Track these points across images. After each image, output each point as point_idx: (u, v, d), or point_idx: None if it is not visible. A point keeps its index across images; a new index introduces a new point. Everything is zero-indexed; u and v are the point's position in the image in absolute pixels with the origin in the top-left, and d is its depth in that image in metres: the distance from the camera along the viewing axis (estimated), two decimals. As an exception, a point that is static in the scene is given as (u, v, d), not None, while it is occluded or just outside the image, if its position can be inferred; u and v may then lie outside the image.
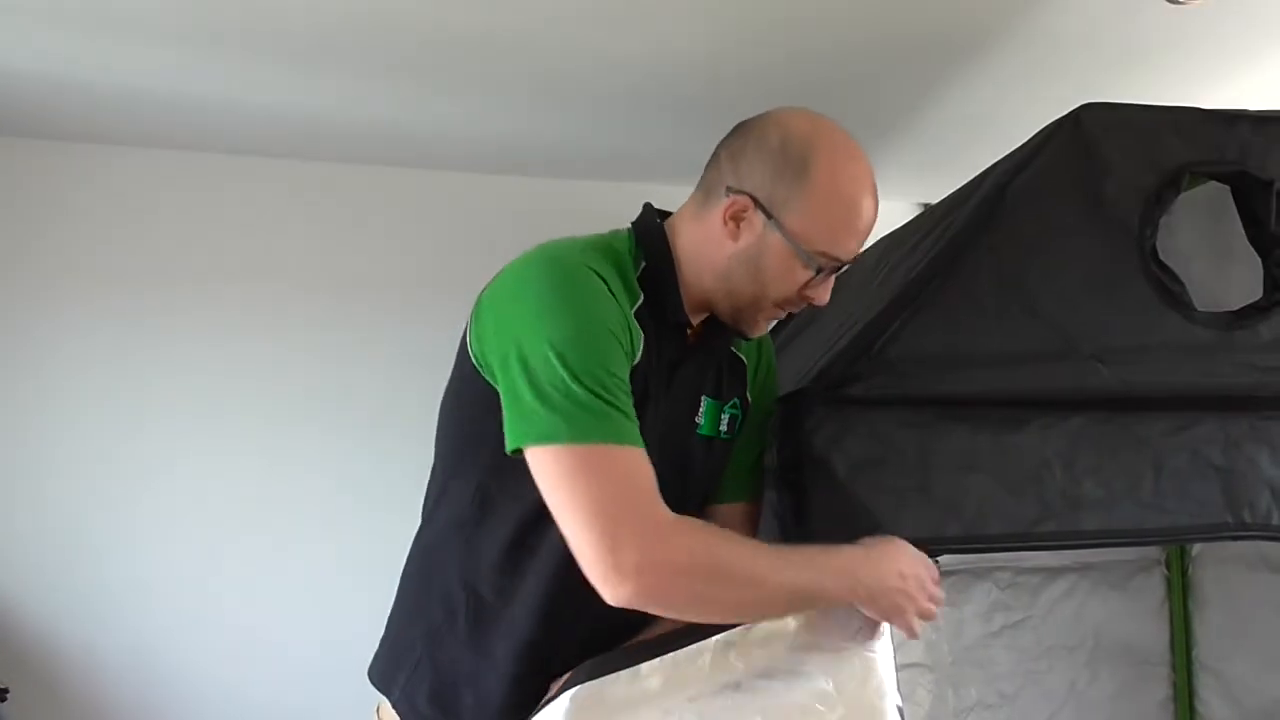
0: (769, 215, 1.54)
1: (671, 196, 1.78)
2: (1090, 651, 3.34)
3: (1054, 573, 3.32)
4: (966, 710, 3.22)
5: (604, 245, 1.59)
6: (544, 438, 1.39)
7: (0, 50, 2.62)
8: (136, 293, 3.36)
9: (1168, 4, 2.36)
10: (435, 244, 3.65)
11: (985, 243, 1.79)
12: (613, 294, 1.49)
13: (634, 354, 1.50)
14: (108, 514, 3.28)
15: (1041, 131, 1.89)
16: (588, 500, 1.36)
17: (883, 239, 2.72)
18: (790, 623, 1.54)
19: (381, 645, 1.73)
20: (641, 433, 1.44)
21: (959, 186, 2.17)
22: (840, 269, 1.59)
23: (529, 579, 1.55)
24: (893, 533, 1.66)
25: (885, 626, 1.57)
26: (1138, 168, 1.84)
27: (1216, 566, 3.23)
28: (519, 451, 1.42)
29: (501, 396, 1.44)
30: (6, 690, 2.88)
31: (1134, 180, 1.83)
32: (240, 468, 3.42)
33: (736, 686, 1.50)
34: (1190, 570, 3.34)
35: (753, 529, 1.81)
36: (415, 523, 1.70)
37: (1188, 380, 1.78)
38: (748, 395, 1.77)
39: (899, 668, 1.61)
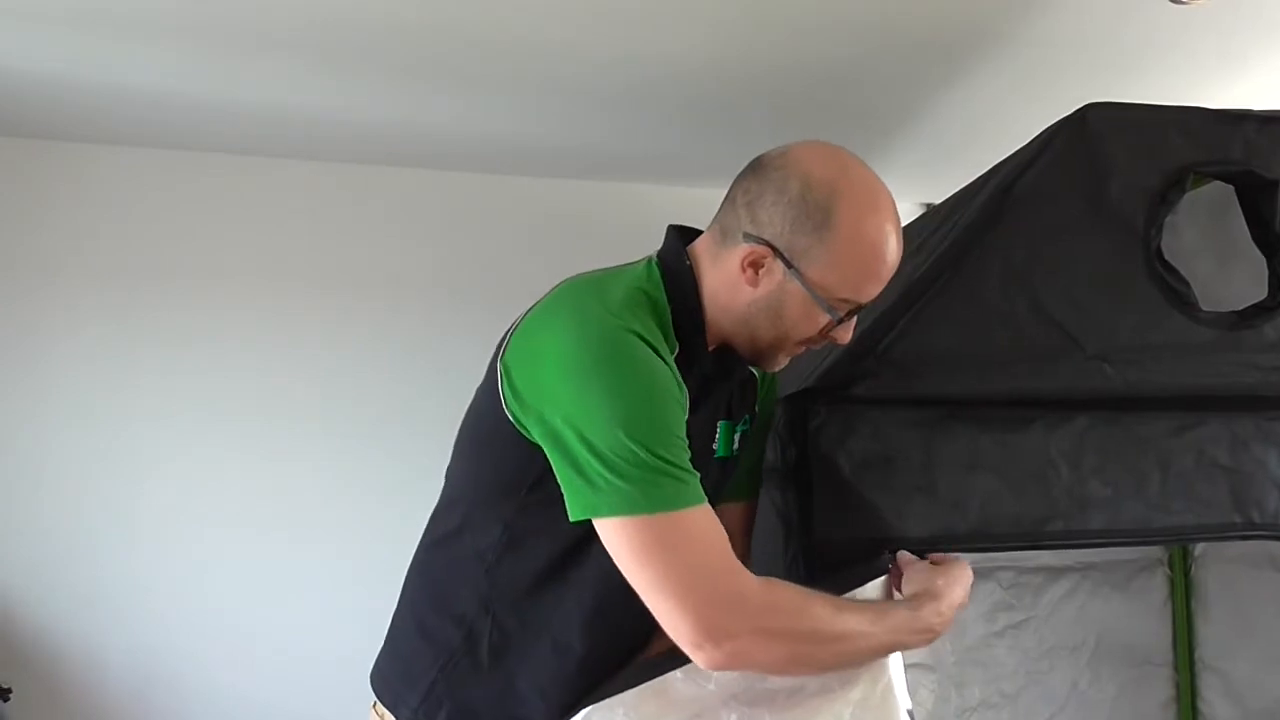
0: (789, 264, 1.49)
1: (671, 197, 1.78)
2: (1093, 651, 3.34)
3: (1057, 573, 3.32)
4: (969, 710, 3.22)
5: (638, 295, 1.52)
6: (618, 510, 1.37)
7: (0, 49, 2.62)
8: (136, 292, 3.36)
9: (1171, 3, 2.36)
10: (436, 244, 3.65)
11: (990, 242, 1.78)
12: (659, 354, 1.45)
13: (686, 408, 1.47)
14: (109, 513, 3.28)
15: (1046, 131, 1.89)
16: (670, 572, 1.36)
17: (886, 239, 2.72)
18: None
19: (386, 657, 1.71)
20: None
21: (963, 186, 2.17)
22: (859, 310, 1.56)
23: (560, 610, 1.55)
24: (897, 532, 1.66)
25: None
26: (1143, 167, 1.84)
27: (1220, 566, 3.23)
28: (585, 521, 1.40)
29: (556, 466, 1.41)
30: (9, 690, 2.88)
31: (1139, 180, 1.83)
32: (242, 467, 3.42)
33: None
34: (1193, 570, 3.34)
35: (750, 525, 1.82)
36: (419, 522, 1.68)
37: (1193, 380, 1.78)
38: (756, 408, 1.76)
39: (902, 668, 1.61)
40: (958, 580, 1.56)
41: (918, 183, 3.83)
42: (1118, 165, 1.83)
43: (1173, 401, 1.78)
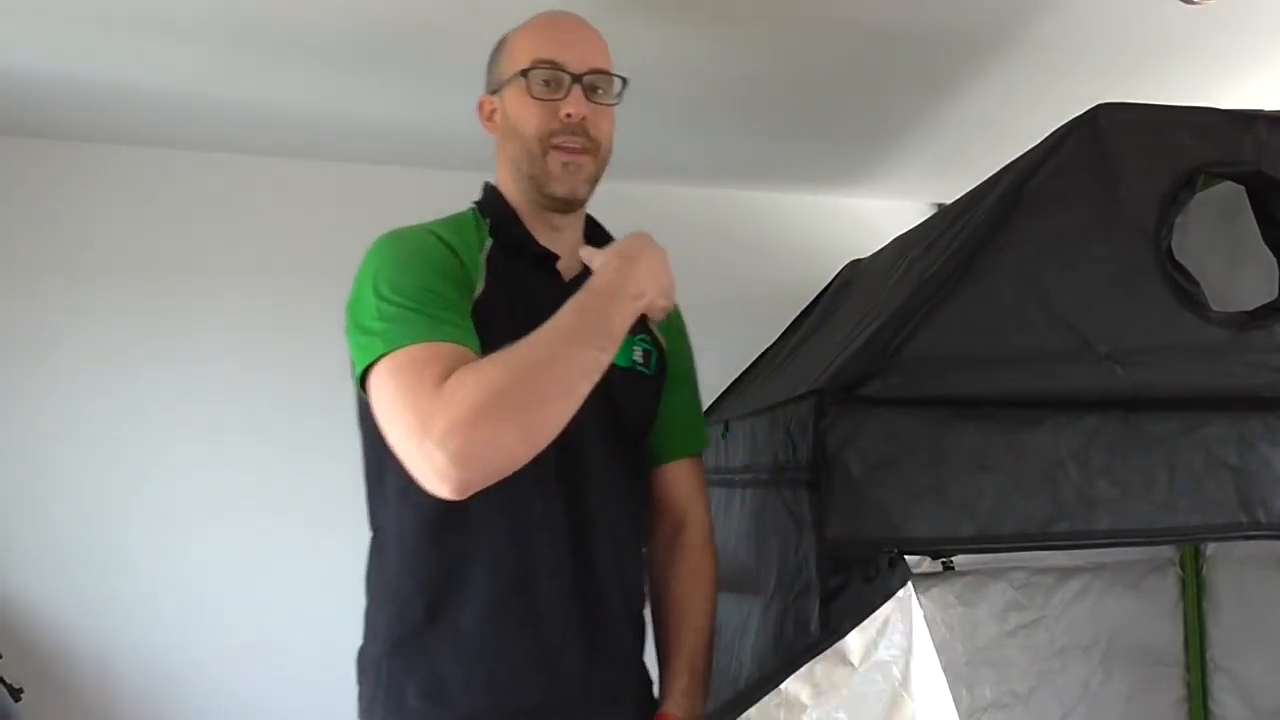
0: (496, 89, 1.73)
1: (672, 197, 1.81)
2: (1104, 651, 3.34)
3: (1068, 573, 3.32)
4: (981, 710, 3.22)
5: (439, 220, 1.74)
6: (368, 358, 1.47)
7: (0, 49, 2.63)
8: (140, 291, 3.36)
9: (1182, 3, 2.35)
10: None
11: (1000, 242, 1.79)
12: (445, 242, 1.62)
13: (473, 286, 1.60)
14: (119, 515, 3.29)
15: (1057, 131, 1.89)
16: (392, 403, 1.42)
17: (898, 239, 2.73)
18: (852, 647, 1.56)
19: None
20: None
21: (974, 186, 2.17)
22: (579, 79, 1.66)
23: (473, 558, 1.60)
24: (907, 532, 1.66)
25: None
26: (1153, 168, 1.84)
27: (1231, 566, 3.22)
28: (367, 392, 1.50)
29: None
30: (21, 690, 2.89)
31: (1150, 180, 1.83)
32: (255, 466, 3.43)
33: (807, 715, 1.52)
34: (1204, 570, 3.33)
35: (701, 478, 1.91)
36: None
37: (1202, 380, 1.78)
38: (656, 334, 1.83)
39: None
40: (637, 241, 1.63)
41: (929, 184, 3.84)
42: (1128, 165, 1.83)
43: (1182, 402, 1.78)
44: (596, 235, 1.83)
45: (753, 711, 1.51)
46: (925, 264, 1.97)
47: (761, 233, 3.90)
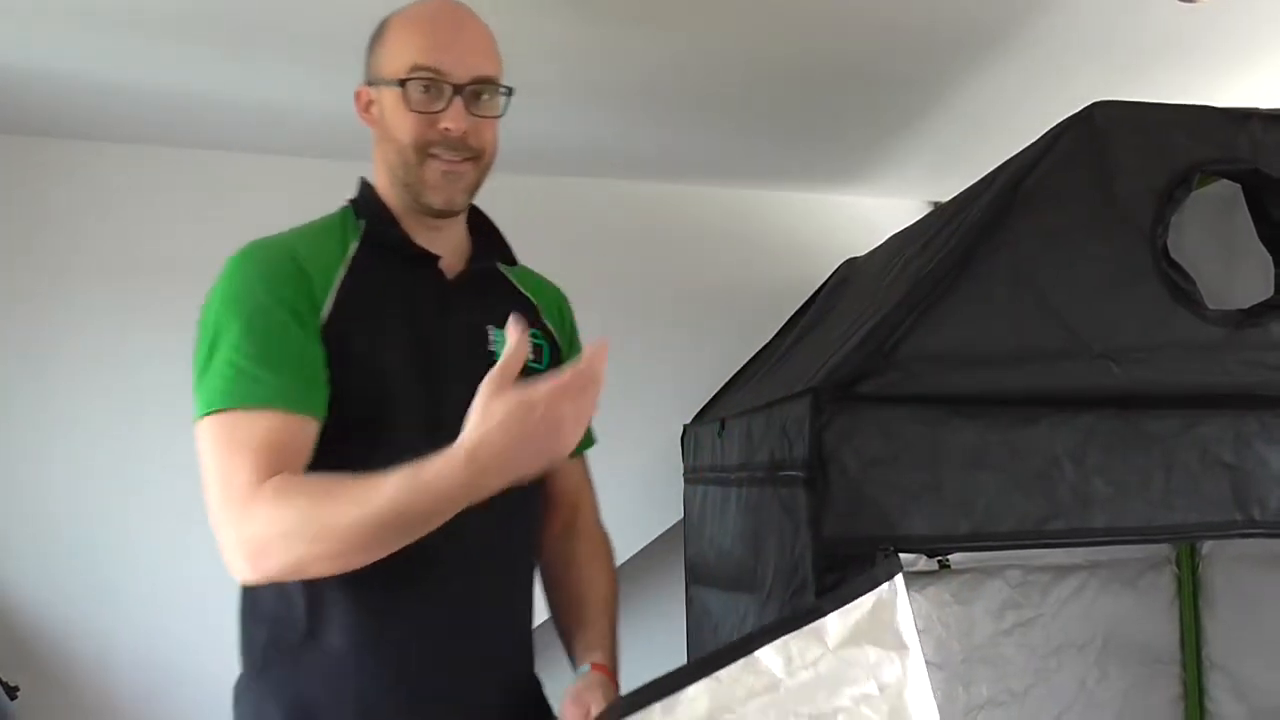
0: (371, 82, 1.63)
1: (672, 196, 1.79)
2: (1100, 649, 3.34)
3: (1064, 571, 3.32)
4: (977, 708, 3.22)
5: (309, 224, 1.70)
6: (196, 413, 1.45)
7: (0, 48, 2.63)
8: (142, 289, 3.35)
9: (1179, 2, 2.35)
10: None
11: (997, 241, 1.79)
12: (297, 262, 1.54)
13: (318, 309, 1.51)
14: (117, 512, 3.29)
15: (1053, 129, 1.90)
16: (207, 471, 1.42)
17: (894, 237, 2.74)
18: (830, 629, 1.54)
19: None
20: (393, 364, 1.50)
21: (970, 184, 2.17)
22: (460, 90, 1.56)
23: (342, 576, 1.45)
24: (903, 530, 1.67)
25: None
26: (1149, 166, 1.84)
27: (1227, 564, 3.23)
28: None
29: None
30: (16, 688, 2.88)
31: (1146, 178, 1.83)
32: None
33: (776, 688, 1.50)
34: (1200, 568, 3.33)
35: (587, 469, 1.88)
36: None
37: (1198, 378, 1.79)
38: (549, 327, 1.78)
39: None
40: (499, 406, 1.29)
41: (925, 182, 3.83)
42: (1124, 164, 1.84)
43: (1178, 400, 1.78)
44: (481, 227, 1.78)
45: (723, 674, 1.49)
46: (921, 262, 1.97)
47: (757, 231, 3.89)
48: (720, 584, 2.42)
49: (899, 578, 1.60)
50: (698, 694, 1.46)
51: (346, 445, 1.47)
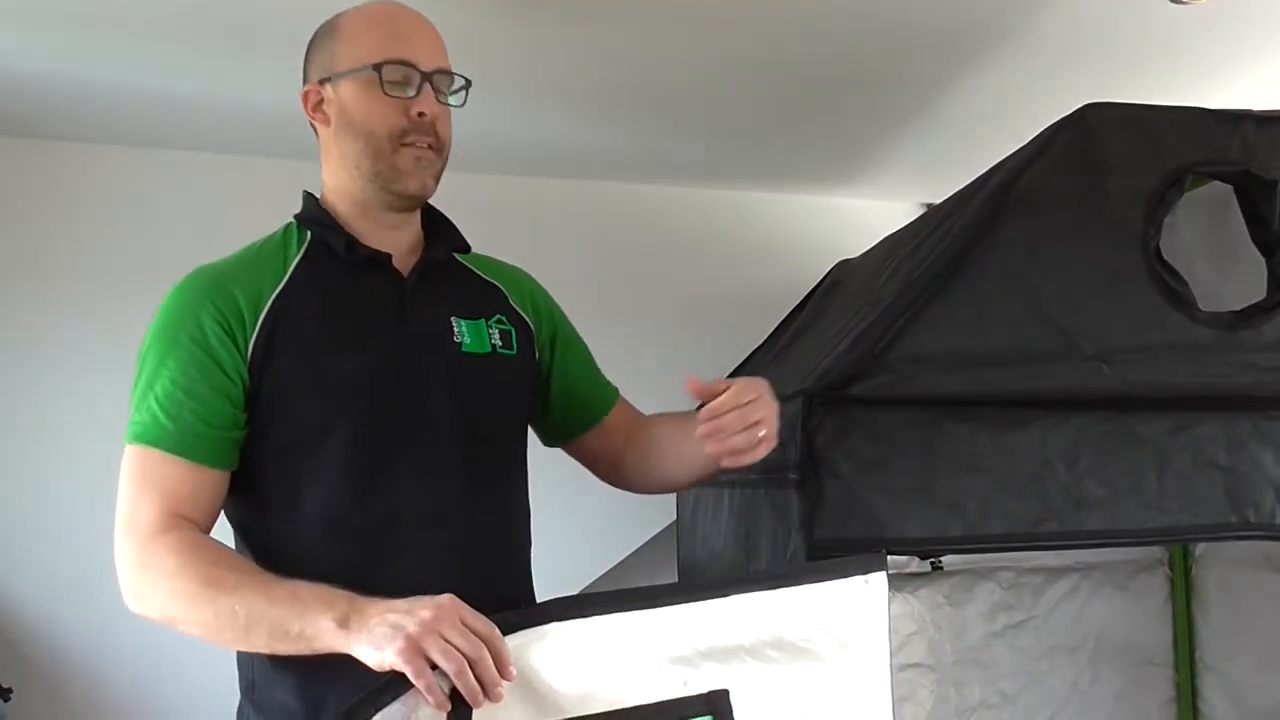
0: (327, 79, 1.62)
1: (672, 197, 1.78)
2: (1092, 651, 3.34)
3: (1056, 573, 3.32)
4: (969, 710, 3.22)
5: (252, 245, 1.73)
6: (126, 439, 1.54)
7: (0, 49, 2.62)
8: (140, 292, 3.33)
9: (1171, 3, 2.35)
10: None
11: (989, 242, 1.79)
12: (227, 288, 1.56)
13: (248, 333, 1.53)
14: (111, 514, 3.27)
15: (1045, 131, 1.89)
16: (120, 497, 1.54)
17: (886, 238, 2.73)
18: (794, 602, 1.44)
19: None
20: (345, 372, 1.52)
21: (962, 186, 2.17)
22: (428, 78, 1.61)
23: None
24: (895, 532, 1.66)
25: None
26: (1142, 167, 1.84)
27: (1220, 566, 3.23)
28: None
29: None
30: (10, 690, 2.88)
31: (1138, 180, 1.83)
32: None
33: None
34: (1193, 570, 3.34)
35: (634, 418, 1.88)
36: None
37: (1191, 380, 1.78)
38: (518, 310, 1.77)
39: (900, 668, 1.61)
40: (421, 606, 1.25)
41: (917, 183, 3.83)
42: (1116, 165, 1.83)
43: (1171, 401, 1.78)
44: (437, 223, 1.80)
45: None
46: (913, 264, 1.96)
47: (750, 232, 3.89)
48: (712, 586, 2.41)
49: (881, 577, 1.52)
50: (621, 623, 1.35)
51: (301, 458, 1.52)
